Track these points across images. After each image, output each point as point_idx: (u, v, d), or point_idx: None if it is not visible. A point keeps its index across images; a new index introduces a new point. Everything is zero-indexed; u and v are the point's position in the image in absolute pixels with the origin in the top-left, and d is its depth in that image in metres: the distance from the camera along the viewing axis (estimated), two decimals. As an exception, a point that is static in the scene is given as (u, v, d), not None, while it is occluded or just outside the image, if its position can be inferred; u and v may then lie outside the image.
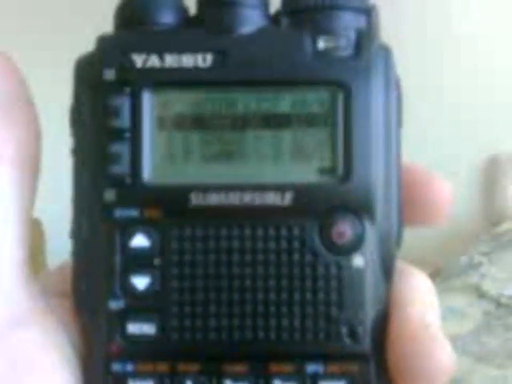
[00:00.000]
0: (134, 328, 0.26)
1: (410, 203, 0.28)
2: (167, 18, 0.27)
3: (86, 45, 0.27)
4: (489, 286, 1.60)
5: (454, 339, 1.32)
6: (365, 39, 0.26)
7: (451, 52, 2.17)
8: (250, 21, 0.26)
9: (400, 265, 0.28)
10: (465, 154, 2.17)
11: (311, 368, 0.26)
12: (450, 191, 0.28)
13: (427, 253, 2.21)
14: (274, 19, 0.27)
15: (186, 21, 0.27)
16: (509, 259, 1.73)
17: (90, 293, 0.26)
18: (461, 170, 2.20)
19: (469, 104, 2.14)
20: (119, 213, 0.26)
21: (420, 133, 2.21)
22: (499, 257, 1.76)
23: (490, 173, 2.20)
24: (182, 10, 0.27)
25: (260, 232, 0.26)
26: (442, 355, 0.25)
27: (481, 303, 1.53)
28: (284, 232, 0.26)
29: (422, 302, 0.27)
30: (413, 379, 0.25)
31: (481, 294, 1.57)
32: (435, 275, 1.95)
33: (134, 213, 0.26)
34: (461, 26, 2.17)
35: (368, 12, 0.27)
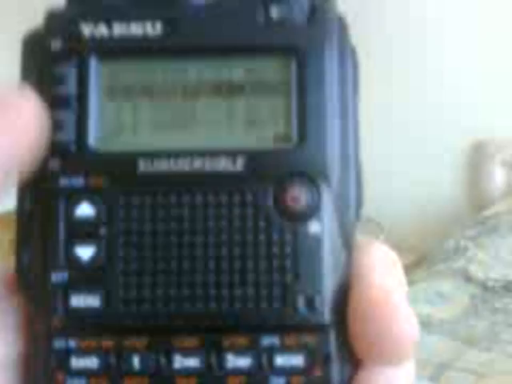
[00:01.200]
0: (77, 301, 0.24)
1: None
2: None
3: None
4: (475, 270, 1.61)
5: (442, 323, 1.33)
6: (319, 7, 0.26)
7: (434, 36, 2.17)
8: None
9: (363, 239, 0.26)
10: (450, 138, 2.18)
11: (267, 340, 0.25)
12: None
13: (413, 238, 2.22)
14: None
15: None
16: (495, 243, 1.74)
17: (32, 266, 0.25)
18: (446, 155, 2.21)
19: (453, 88, 2.14)
20: (63, 181, 0.25)
21: (404, 117, 2.22)
22: (485, 241, 1.77)
23: (476, 157, 2.21)
24: None
25: (211, 199, 0.25)
26: (403, 322, 0.24)
27: (467, 287, 1.54)
28: (236, 198, 0.25)
29: (383, 269, 0.25)
30: (374, 347, 0.24)
31: (467, 278, 1.58)
32: (421, 260, 1.96)
33: (78, 181, 0.25)
34: (441, 10, 2.16)
35: None
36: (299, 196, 0.25)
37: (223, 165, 0.25)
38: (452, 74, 2.13)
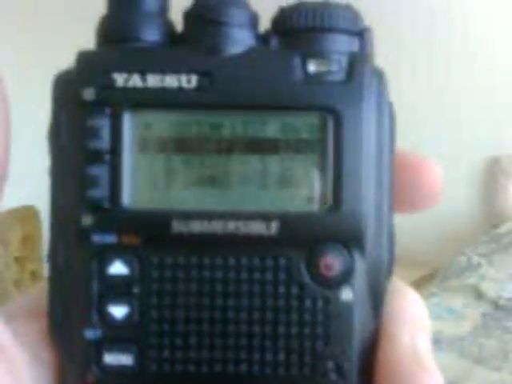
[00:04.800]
0: (110, 358, 0.24)
1: (400, 187, 0.26)
2: (151, 35, 0.25)
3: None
4: (487, 288, 1.59)
5: (452, 340, 1.32)
6: (357, 63, 0.25)
7: (455, 53, 2.16)
8: (238, 41, 0.25)
9: (392, 284, 0.26)
10: (465, 154, 2.17)
11: None
12: (440, 172, 0.27)
13: (426, 253, 2.21)
14: (264, 39, 0.25)
15: (171, 38, 0.26)
16: (508, 261, 1.72)
17: (66, 321, 0.25)
18: (461, 171, 2.20)
19: (470, 104, 2.13)
20: (97, 238, 0.25)
21: (421, 133, 2.21)
22: (498, 258, 1.75)
23: (491, 174, 2.20)
24: (168, 27, 0.26)
25: (244, 262, 0.25)
26: (430, 383, 0.24)
27: (479, 304, 1.52)
28: (269, 263, 0.25)
29: (412, 328, 0.25)
30: None
31: (479, 296, 1.57)
32: (434, 275, 1.95)
33: (112, 238, 0.25)
34: (465, 27, 2.16)
35: (361, 35, 0.26)
36: (332, 263, 0.25)
37: (257, 228, 0.24)
38: (469, 92, 2.13)
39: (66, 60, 0.26)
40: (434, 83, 2.19)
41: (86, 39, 0.28)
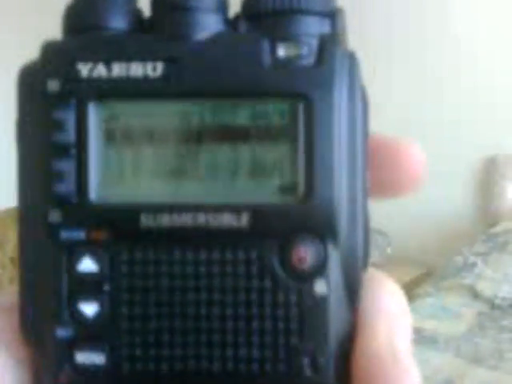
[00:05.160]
0: (82, 358, 0.24)
1: (379, 171, 0.25)
2: (118, 22, 0.24)
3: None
4: (483, 287, 1.60)
5: (448, 340, 1.32)
6: (328, 46, 0.24)
7: (451, 52, 2.17)
8: (205, 26, 0.24)
9: (368, 274, 0.25)
10: (462, 154, 2.17)
11: None
12: (421, 153, 0.25)
13: (422, 252, 2.21)
14: (233, 24, 0.25)
15: (139, 26, 0.25)
16: (504, 260, 1.73)
17: (37, 319, 0.24)
18: (458, 171, 2.20)
19: (467, 105, 2.13)
20: (65, 234, 0.24)
21: (418, 132, 2.21)
22: (494, 258, 1.75)
23: (487, 174, 2.20)
24: (135, 14, 0.25)
25: (215, 256, 0.24)
26: (407, 381, 0.23)
27: (475, 304, 1.53)
28: (241, 256, 0.24)
29: (389, 322, 0.24)
30: None
31: (475, 295, 1.57)
32: (430, 275, 1.95)
33: (80, 234, 0.24)
34: (460, 26, 2.16)
35: (333, 16, 0.25)
36: (305, 255, 0.24)
37: (227, 220, 0.24)
38: (467, 92, 2.13)
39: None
40: (431, 83, 2.19)
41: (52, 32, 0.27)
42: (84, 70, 0.24)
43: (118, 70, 0.24)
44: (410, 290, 1.77)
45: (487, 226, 2.09)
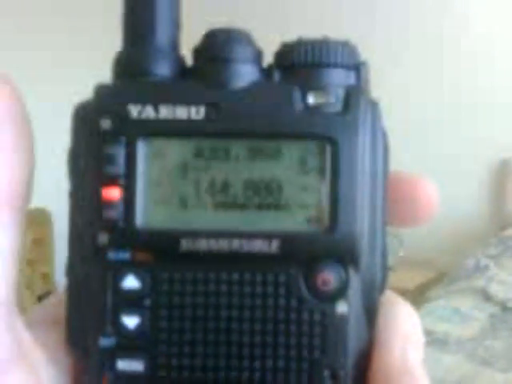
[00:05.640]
0: (123, 365, 0.27)
1: (399, 204, 0.28)
2: (163, 69, 0.27)
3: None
4: (495, 290, 1.60)
5: (460, 342, 1.32)
6: (353, 96, 0.27)
7: (468, 52, 2.16)
8: (243, 75, 0.27)
9: (385, 296, 0.28)
10: (475, 156, 2.17)
11: None
12: (435, 188, 0.28)
13: (435, 255, 2.21)
14: (267, 73, 0.28)
15: (182, 72, 0.28)
16: (516, 263, 1.72)
17: (82, 330, 0.27)
18: (471, 173, 2.20)
19: (482, 107, 2.13)
20: (112, 255, 0.27)
21: (431, 135, 2.21)
22: (506, 260, 1.75)
23: (500, 176, 2.19)
24: (179, 62, 0.28)
25: (247, 278, 0.27)
26: None
27: (487, 306, 1.53)
28: (270, 278, 0.27)
29: (403, 340, 0.27)
30: None
31: (487, 298, 1.57)
32: (441, 277, 1.95)
33: (125, 255, 0.27)
34: (478, 26, 2.16)
35: (358, 68, 0.28)
36: (329, 279, 0.27)
37: (259, 246, 0.27)
38: (485, 92, 2.13)
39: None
40: (448, 83, 2.19)
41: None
42: (134, 111, 0.27)
43: (164, 112, 0.27)
44: (423, 293, 1.78)
45: (500, 228, 2.09)
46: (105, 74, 0.28)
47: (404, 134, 1.91)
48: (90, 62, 1.72)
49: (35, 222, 1.97)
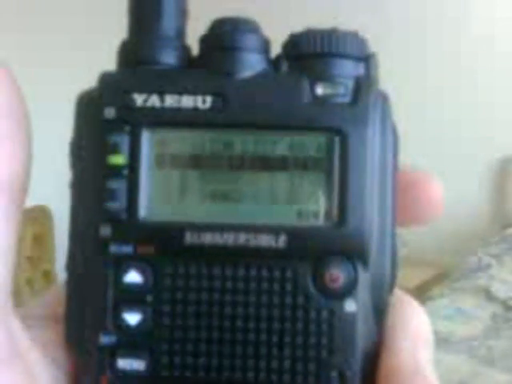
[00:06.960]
0: (124, 363, 0.26)
1: (404, 202, 0.27)
2: (169, 58, 0.27)
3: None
4: (498, 289, 1.59)
5: (462, 341, 1.32)
6: (362, 87, 0.26)
7: (468, 52, 2.16)
8: (251, 65, 0.26)
9: (396, 295, 0.27)
10: (477, 155, 2.16)
11: None
12: (441, 187, 0.28)
13: (437, 253, 2.20)
14: (275, 63, 0.27)
15: (188, 61, 0.27)
16: (518, 262, 1.72)
17: (82, 326, 0.26)
18: (473, 171, 2.19)
19: (484, 105, 2.13)
20: (114, 248, 0.26)
21: (434, 133, 2.21)
22: (509, 259, 1.75)
23: (502, 174, 2.19)
24: (185, 51, 0.27)
25: (253, 273, 0.26)
26: None
27: (489, 305, 1.52)
28: (277, 274, 0.26)
29: (413, 340, 0.26)
30: None
31: (489, 297, 1.57)
32: (444, 276, 1.95)
33: (128, 249, 0.26)
34: (478, 26, 2.16)
35: (367, 60, 0.27)
36: (337, 276, 0.26)
37: (266, 241, 0.26)
38: (485, 92, 2.12)
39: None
40: (448, 82, 2.19)
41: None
42: (139, 99, 0.26)
43: (170, 101, 0.26)
44: (425, 291, 1.77)
45: (502, 227, 2.08)
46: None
47: (404, 134, 1.90)
48: (90, 62, 1.72)
49: (36, 220, 1.97)
